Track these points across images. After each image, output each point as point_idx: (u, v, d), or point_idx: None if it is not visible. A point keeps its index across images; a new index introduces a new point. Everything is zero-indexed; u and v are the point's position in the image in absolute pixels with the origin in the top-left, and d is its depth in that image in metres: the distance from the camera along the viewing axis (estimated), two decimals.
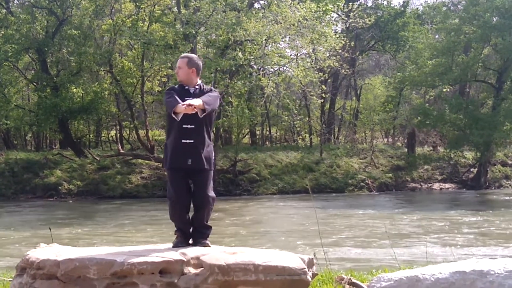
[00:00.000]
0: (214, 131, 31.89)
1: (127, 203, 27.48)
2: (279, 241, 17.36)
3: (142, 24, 33.21)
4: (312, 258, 6.13)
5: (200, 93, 6.24)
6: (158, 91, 35.73)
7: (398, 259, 9.18)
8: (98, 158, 32.81)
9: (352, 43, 34.24)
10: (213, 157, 6.35)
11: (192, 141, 6.12)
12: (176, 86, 6.36)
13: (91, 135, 42.72)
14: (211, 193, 6.23)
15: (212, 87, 6.42)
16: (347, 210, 25.30)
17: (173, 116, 6.00)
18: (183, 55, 6.50)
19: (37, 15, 33.84)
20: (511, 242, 17.00)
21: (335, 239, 17.40)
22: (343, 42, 30.28)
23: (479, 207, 27.15)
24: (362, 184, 34.39)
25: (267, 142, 45.34)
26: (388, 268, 8.26)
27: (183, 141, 6.12)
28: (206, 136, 6.22)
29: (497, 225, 20.63)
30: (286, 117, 34.71)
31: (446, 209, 25.94)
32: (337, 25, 36.58)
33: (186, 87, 6.28)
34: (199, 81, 6.36)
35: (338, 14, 35.39)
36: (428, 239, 17.20)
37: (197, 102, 5.96)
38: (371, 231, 19.34)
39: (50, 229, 9.86)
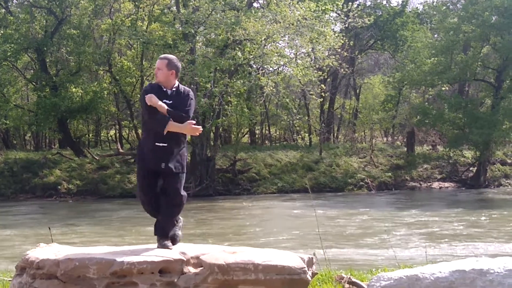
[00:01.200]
0: (214, 130, 31.95)
1: (126, 203, 27.46)
2: (278, 240, 17.37)
3: (141, 24, 33.24)
4: (312, 257, 6.14)
5: (177, 95, 6.20)
6: None
7: (398, 258, 9.19)
8: (97, 158, 32.81)
9: (351, 42, 34.26)
10: (186, 159, 6.30)
11: (165, 144, 6.10)
12: (154, 85, 6.31)
13: (90, 135, 42.74)
14: (183, 192, 6.17)
15: (190, 91, 6.35)
16: (347, 209, 25.30)
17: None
18: (162, 56, 6.43)
19: (36, 15, 33.84)
20: (510, 240, 17.00)
21: (334, 238, 17.40)
22: (342, 41, 30.29)
23: (478, 206, 27.17)
24: (361, 183, 34.37)
25: (266, 142, 45.33)
26: (388, 267, 8.26)
27: (157, 144, 6.09)
28: (180, 139, 6.19)
29: (496, 223, 20.64)
30: (286, 117, 34.73)
31: (446, 208, 25.95)
32: (336, 24, 36.58)
33: (164, 89, 6.21)
34: (177, 83, 6.32)
35: (338, 14, 35.40)
36: (427, 238, 17.21)
37: (162, 108, 6.01)
38: (370, 230, 19.34)
39: (49, 228, 9.86)
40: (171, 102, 6.12)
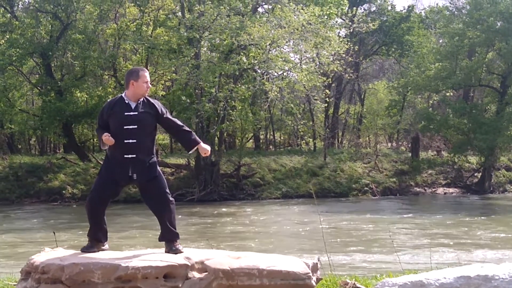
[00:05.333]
0: (218, 135, 31.97)
1: (130, 207, 27.47)
2: (283, 246, 17.35)
3: (146, 29, 33.28)
4: (316, 263, 6.13)
5: (143, 107, 6.17)
6: (162, 95, 35.75)
7: (402, 264, 9.17)
8: (102, 162, 32.82)
9: (356, 48, 34.25)
10: (157, 168, 6.28)
11: (134, 155, 6.09)
12: (114, 101, 6.26)
13: (95, 139, 42.74)
14: (171, 197, 6.18)
15: (156, 101, 6.39)
16: (351, 214, 25.26)
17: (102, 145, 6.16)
18: (144, 68, 6.45)
19: (41, 20, 33.89)
20: None
21: (339, 243, 17.38)
22: (347, 46, 30.29)
23: (483, 212, 27.10)
24: (366, 188, 34.33)
25: (270, 147, 45.34)
26: (393, 272, 8.24)
27: (125, 156, 6.09)
28: (149, 149, 6.19)
29: (500, 230, 20.59)
30: (290, 122, 34.72)
31: (450, 214, 25.90)
32: (341, 29, 36.60)
33: (127, 101, 6.17)
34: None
35: (343, 19, 35.42)
36: (432, 244, 17.17)
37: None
38: (375, 235, 19.32)
39: (54, 233, 9.88)
40: (135, 113, 6.12)
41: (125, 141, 6.07)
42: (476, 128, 35.34)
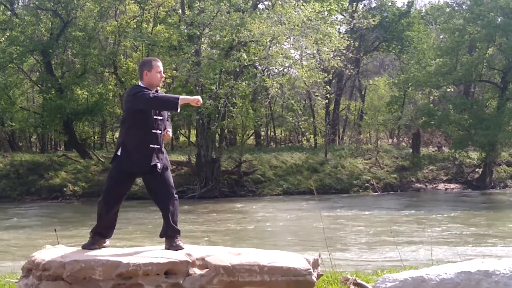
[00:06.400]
0: (219, 132, 31.97)
1: (131, 205, 27.45)
2: (284, 242, 17.36)
3: (146, 26, 33.31)
4: (317, 259, 6.13)
5: None
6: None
7: (403, 260, 9.17)
8: (102, 160, 32.85)
9: (357, 44, 34.19)
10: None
11: (159, 146, 6.17)
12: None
13: (95, 137, 42.80)
14: (175, 194, 6.20)
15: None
16: (352, 210, 25.28)
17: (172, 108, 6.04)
18: (157, 58, 6.43)
19: (41, 17, 33.90)
20: None
21: (340, 239, 17.39)
22: (348, 43, 30.28)
23: (483, 207, 27.11)
24: (367, 184, 34.32)
25: (271, 143, 45.32)
26: (393, 268, 8.25)
27: (151, 146, 6.11)
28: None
29: (500, 225, 20.59)
30: (291, 118, 34.71)
31: (451, 209, 25.88)
32: (341, 25, 36.57)
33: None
34: None
35: (343, 15, 35.36)
36: (433, 240, 17.18)
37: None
38: (376, 231, 19.32)
39: (55, 230, 9.89)
40: None
41: (153, 131, 6.12)
42: (477, 124, 35.31)
